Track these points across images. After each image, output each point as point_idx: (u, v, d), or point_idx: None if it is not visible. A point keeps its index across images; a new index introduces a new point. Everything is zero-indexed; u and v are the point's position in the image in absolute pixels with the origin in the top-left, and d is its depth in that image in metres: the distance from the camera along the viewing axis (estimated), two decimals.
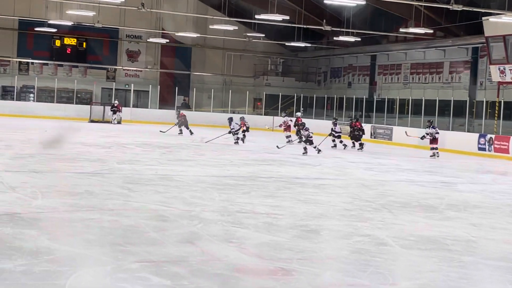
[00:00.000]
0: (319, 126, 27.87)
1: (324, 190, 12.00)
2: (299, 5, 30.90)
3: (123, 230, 7.33)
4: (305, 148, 19.45)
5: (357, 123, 23.37)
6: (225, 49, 40.14)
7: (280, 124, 25.59)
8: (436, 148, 21.41)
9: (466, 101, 26.93)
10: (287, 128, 24.99)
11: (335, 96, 35.25)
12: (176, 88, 37.31)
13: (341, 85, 38.35)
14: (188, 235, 7.36)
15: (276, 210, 9.28)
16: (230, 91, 37.50)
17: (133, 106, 36.29)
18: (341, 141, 22.96)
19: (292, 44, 34.64)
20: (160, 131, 26.09)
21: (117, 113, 31.79)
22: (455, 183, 14.66)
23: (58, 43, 37.44)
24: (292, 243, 7.23)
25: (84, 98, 37.23)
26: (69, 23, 31.15)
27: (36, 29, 34.46)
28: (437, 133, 21.65)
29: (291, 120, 25.62)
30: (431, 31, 27.77)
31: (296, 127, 21.95)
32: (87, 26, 33.61)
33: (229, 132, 22.52)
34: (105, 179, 11.71)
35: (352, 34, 30.50)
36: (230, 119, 22.61)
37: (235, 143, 22.05)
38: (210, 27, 31.97)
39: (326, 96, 35.74)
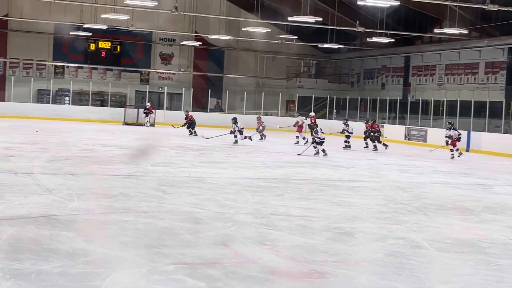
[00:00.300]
0: (353, 128, 27.62)
1: (358, 192, 11.92)
2: (332, 6, 30.80)
3: (158, 232, 7.38)
4: (321, 150, 19.43)
5: (375, 125, 23.34)
6: (258, 51, 40.17)
7: (294, 124, 25.75)
8: (457, 149, 21.11)
9: (502, 102, 26.54)
10: (299, 128, 25.07)
11: (368, 97, 35.06)
12: (209, 90, 37.49)
13: (375, 87, 38.12)
14: (222, 237, 7.37)
15: (309, 213, 9.25)
16: (263, 93, 37.52)
17: (167, 109, 36.52)
18: (346, 141, 23.12)
19: (325, 45, 34.51)
20: (172, 126, 26.52)
21: (150, 115, 32.08)
22: (491, 185, 14.45)
23: (92, 46, 37.91)
24: (326, 245, 7.20)
25: (118, 101, 37.61)
26: (104, 27, 31.49)
27: (71, 33, 34.93)
28: (460, 134, 21.34)
29: (305, 119, 25.71)
30: (466, 32, 27.41)
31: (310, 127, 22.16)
32: (121, 29, 33.97)
33: (231, 132, 22.40)
34: (139, 182, 11.79)
35: (386, 35, 30.30)
36: (234, 119, 22.57)
37: (233, 143, 22.06)
38: (243, 29, 32.02)
39: (359, 97, 35.54)
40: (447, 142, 21.34)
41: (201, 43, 37.04)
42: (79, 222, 7.87)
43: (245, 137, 22.28)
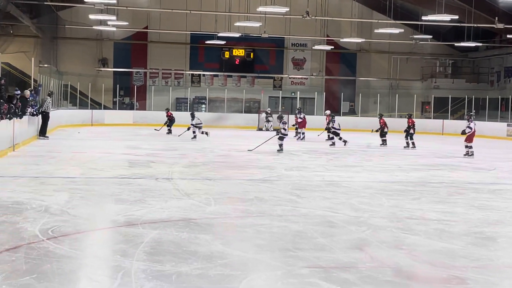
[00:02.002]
0: (491, 129, 26.58)
1: (500, 195, 11.41)
2: (468, 3, 29.72)
3: (292, 236, 7.42)
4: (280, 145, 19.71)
5: (410, 120, 22.51)
6: (391, 52, 39.50)
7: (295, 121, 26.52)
8: (470, 147, 18.89)
9: None
10: (301, 124, 26.50)
11: (510, 96, 33.49)
12: (342, 94, 37.31)
13: None
14: (356, 241, 7.30)
15: (448, 217, 8.96)
16: (397, 95, 36.81)
17: None
18: (340, 138, 22.52)
19: (462, 44, 33.30)
20: (155, 129, 28.41)
21: (269, 118, 32.72)
22: None
23: (227, 54, 38.88)
24: (466, 250, 6.94)
25: (252, 107, 38.31)
26: (237, 35, 32.17)
27: (207, 42, 36.00)
28: (469, 127, 18.86)
29: (300, 118, 26.74)
30: None
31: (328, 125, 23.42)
32: (254, 36, 34.55)
33: (188, 129, 24.30)
34: (274, 186, 11.93)
35: None
36: (192, 114, 24.71)
37: (192, 138, 23.79)
38: (375, 31, 31.58)
39: (499, 97, 34.03)
40: (463, 132, 19.08)
41: (332, 47, 36.90)
42: (216, 226, 8.07)
43: (202, 132, 24.02)
